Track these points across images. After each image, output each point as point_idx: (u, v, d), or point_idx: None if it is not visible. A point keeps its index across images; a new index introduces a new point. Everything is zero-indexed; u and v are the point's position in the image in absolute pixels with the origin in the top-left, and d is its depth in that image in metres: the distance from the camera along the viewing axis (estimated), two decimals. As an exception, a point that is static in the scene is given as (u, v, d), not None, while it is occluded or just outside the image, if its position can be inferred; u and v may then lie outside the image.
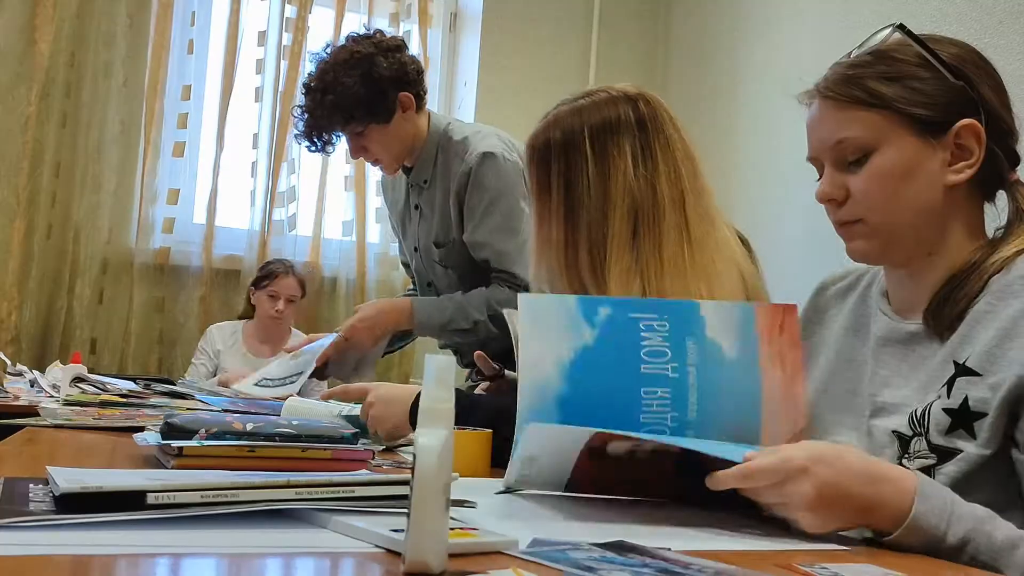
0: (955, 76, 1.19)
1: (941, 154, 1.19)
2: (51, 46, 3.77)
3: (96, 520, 0.82)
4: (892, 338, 1.25)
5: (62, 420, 1.72)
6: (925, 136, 1.18)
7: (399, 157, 2.57)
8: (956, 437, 1.12)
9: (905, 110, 1.18)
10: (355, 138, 2.52)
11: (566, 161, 1.55)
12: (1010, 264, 1.16)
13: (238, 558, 0.78)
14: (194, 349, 3.90)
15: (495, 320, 2.40)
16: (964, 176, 1.19)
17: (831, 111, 1.22)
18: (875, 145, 1.19)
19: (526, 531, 0.93)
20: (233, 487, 0.91)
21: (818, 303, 1.42)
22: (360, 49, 2.44)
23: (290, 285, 3.86)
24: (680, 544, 0.92)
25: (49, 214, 3.81)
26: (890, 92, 1.18)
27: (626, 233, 1.51)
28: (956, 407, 1.13)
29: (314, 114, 2.46)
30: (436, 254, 2.60)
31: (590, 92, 1.60)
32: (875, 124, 1.19)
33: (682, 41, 4.41)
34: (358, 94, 2.42)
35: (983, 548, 0.97)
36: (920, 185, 1.19)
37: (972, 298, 1.16)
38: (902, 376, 1.22)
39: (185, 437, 1.23)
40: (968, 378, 1.13)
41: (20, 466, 1.21)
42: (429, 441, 0.75)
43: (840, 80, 1.22)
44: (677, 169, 1.54)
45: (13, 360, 3.11)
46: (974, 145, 1.18)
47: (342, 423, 1.52)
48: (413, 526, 0.74)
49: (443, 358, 0.78)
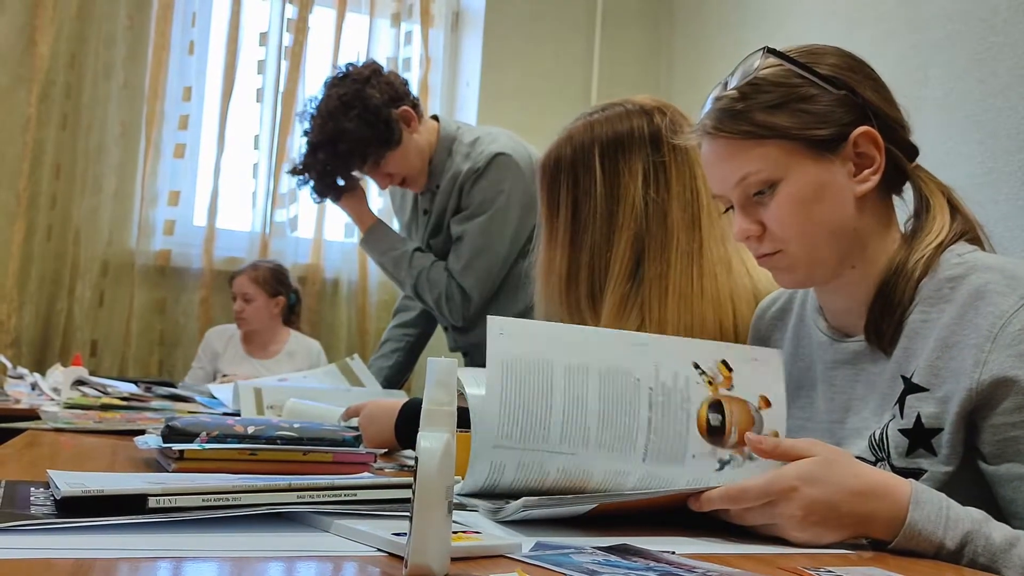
0: (836, 87, 1.18)
1: (844, 167, 1.18)
2: (51, 47, 3.77)
3: (97, 524, 0.82)
4: (839, 360, 1.25)
5: (63, 423, 1.72)
6: (824, 154, 1.18)
7: (422, 171, 2.59)
8: (917, 457, 1.13)
9: (800, 135, 1.17)
10: (376, 171, 2.54)
11: (575, 180, 1.52)
12: (934, 265, 1.17)
13: (240, 561, 0.77)
14: (194, 351, 3.90)
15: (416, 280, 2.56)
16: (871, 184, 1.19)
17: (725, 149, 1.21)
18: (779, 176, 1.18)
19: (529, 534, 0.93)
20: (234, 490, 0.90)
21: (759, 330, 1.41)
22: (345, 91, 2.45)
23: (241, 283, 3.80)
24: (684, 548, 0.91)
25: (49, 216, 3.81)
26: (781, 121, 1.17)
27: (629, 260, 1.47)
28: (911, 426, 1.13)
29: (333, 166, 2.48)
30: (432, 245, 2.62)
31: (607, 105, 1.56)
32: (773, 156, 1.18)
33: (685, 40, 4.41)
34: (364, 133, 2.44)
35: (981, 550, 0.97)
36: (832, 204, 1.18)
37: (906, 307, 1.17)
38: (858, 398, 1.22)
39: (186, 440, 1.22)
40: (917, 395, 1.13)
41: (21, 469, 1.20)
42: (431, 444, 0.74)
43: (726, 116, 1.20)
44: (695, 189, 1.49)
45: (14, 363, 3.11)
46: (873, 151, 1.18)
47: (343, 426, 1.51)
48: (415, 529, 0.73)
49: (445, 361, 0.77)
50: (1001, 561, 0.97)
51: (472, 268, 2.52)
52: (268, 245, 4.14)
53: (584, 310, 1.51)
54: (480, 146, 2.53)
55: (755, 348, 1.30)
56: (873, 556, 0.97)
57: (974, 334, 1.10)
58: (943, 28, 2.92)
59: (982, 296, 1.11)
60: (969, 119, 2.77)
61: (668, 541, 0.96)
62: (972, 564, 0.97)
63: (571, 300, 1.53)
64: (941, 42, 2.92)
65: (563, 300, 1.53)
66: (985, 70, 2.77)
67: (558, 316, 1.54)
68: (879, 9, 3.22)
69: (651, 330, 1.42)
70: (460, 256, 2.53)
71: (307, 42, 4.20)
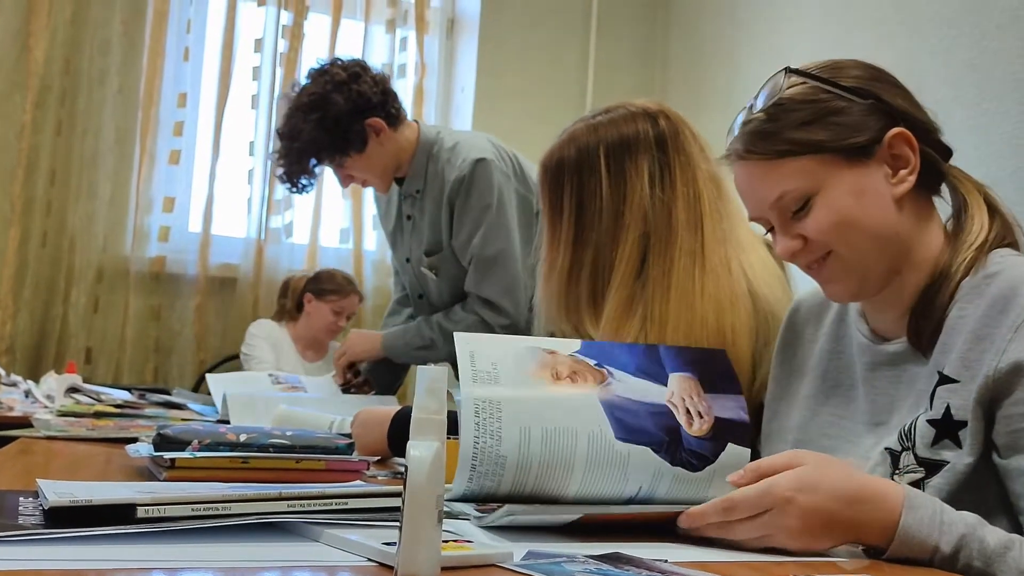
0: (863, 97, 1.19)
1: (880, 171, 1.18)
2: (46, 53, 3.77)
3: (85, 534, 0.81)
4: (879, 361, 1.24)
5: (56, 431, 1.72)
6: (860, 160, 1.17)
7: (385, 176, 2.59)
8: (942, 448, 1.12)
9: (836, 146, 1.17)
10: (337, 170, 2.57)
11: (579, 181, 1.51)
12: (976, 266, 1.16)
13: (230, 572, 0.77)
14: (189, 358, 3.89)
15: (445, 335, 2.52)
16: (908, 184, 1.18)
17: (759, 169, 1.21)
18: (815, 188, 1.17)
19: (521, 543, 0.92)
20: (224, 500, 0.90)
21: (795, 323, 1.41)
22: (315, 90, 2.45)
23: (354, 304, 3.90)
24: (676, 556, 0.91)
25: (44, 222, 3.80)
26: (815, 136, 1.17)
27: (634, 259, 1.47)
28: (939, 417, 1.12)
29: (287, 160, 2.50)
30: (427, 262, 2.61)
31: (609, 108, 1.56)
32: (809, 169, 1.17)
33: (680, 46, 4.41)
34: (318, 138, 2.44)
35: (976, 554, 0.97)
36: (871, 207, 1.18)
37: (945, 307, 1.16)
38: (900, 399, 1.21)
39: (178, 448, 1.22)
40: (949, 386, 1.13)
41: (13, 478, 1.20)
42: (420, 453, 0.74)
43: (757, 138, 1.20)
44: (697, 191, 1.49)
45: (7, 370, 3.09)
46: (907, 151, 1.18)
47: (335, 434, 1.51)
48: (405, 539, 0.73)
49: (435, 369, 0.77)
50: (996, 565, 0.96)
51: (489, 279, 2.50)
52: (263, 251, 4.13)
53: (583, 309, 1.51)
54: (461, 152, 2.52)
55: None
56: (869, 564, 0.96)
57: (1002, 326, 1.09)
58: (938, 33, 2.93)
59: (1015, 290, 1.10)
60: (964, 124, 2.77)
61: (660, 549, 0.96)
62: (967, 569, 0.96)
63: (570, 299, 1.52)
64: (936, 47, 2.92)
65: (562, 300, 1.53)
66: (980, 75, 2.77)
67: (556, 316, 1.54)
68: (874, 14, 3.22)
69: (652, 329, 1.42)
70: (477, 273, 2.52)
71: (302, 48, 4.20)
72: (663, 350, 1.23)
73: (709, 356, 1.26)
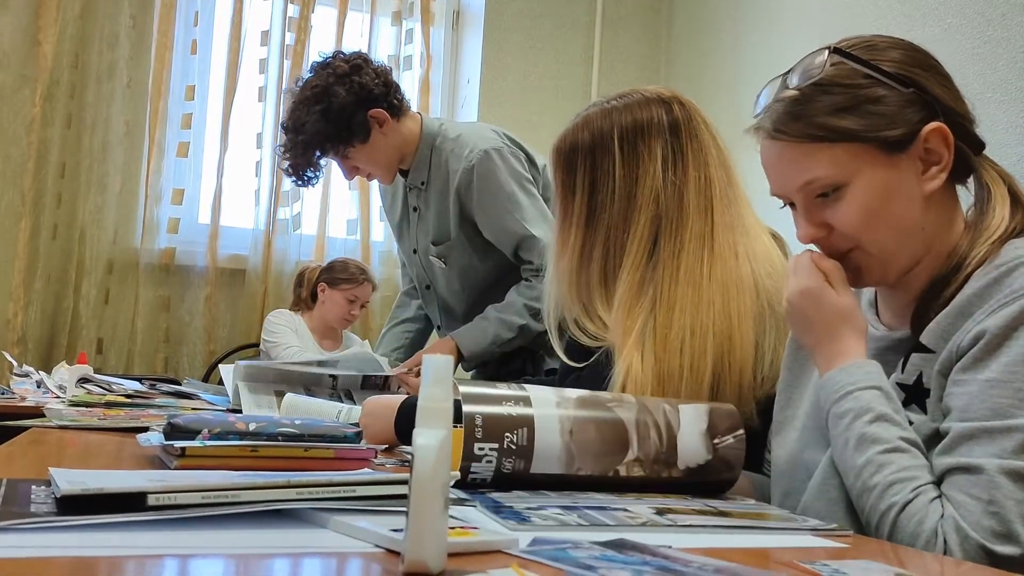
0: (905, 85, 1.15)
1: (912, 166, 1.16)
2: (55, 47, 3.79)
3: (97, 522, 0.82)
4: (885, 347, 1.24)
5: (67, 421, 1.73)
6: (894, 154, 1.15)
7: (390, 168, 2.60)
8: (910, 412, 1.13)
9: (871, 137, 1.14)
10: (342, 162, 2.57)
11: (593, 163, 1.52)
12: (991, 257, 1.14)
13: (242, 558, 0.78)
14: (199, 348, 3.91)
15: (537, 318, 2.43)
16: (939, 182, 1.16)
17: (788, 151, 1.18)
18: (847, 179, 1.15)
19: (526, 531, 0.93)
20: (234, 487, 0.91)
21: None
22: (318, 83, 2.47)
23: (368, 292, 3.91)
24: (681, 542, 0.91)
25: (55, 215, 3.83)
26: (849, 124, 1.14)
27: (646, 241, 1.47)
28: (910, 383, 1.14)
29: (292, 153, 2.50)
30: (435, 251, 2.61)
31: (622, 94, 1.56)
32: (841, 159, 1.15)
33: (685, 38, 4.41)
34: (322, 130, 2.45)
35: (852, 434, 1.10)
36: (900, 205, 1.16)
37: (951, 298, 1.15)
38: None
39: (188, 437, 1.23)
40: (924, 355, 1.13)
41: (26, 467, 1.21)
42: (427, 441, 0.75)
43: (789, 118, 1.17)
44: (708, 176, 1.50)
45: (20, 361, 3.12)
46: (942, 148, 1.16)
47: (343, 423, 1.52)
48: (412, 526, 0.74)
49: (441, 358, 0.78)
50: (847, 459, 1.11)
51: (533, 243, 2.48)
52: (272, 242, 4.15)
53: (594, 290, 1.52)
54: (467, 143, 2.52)
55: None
56: (870, 549, 0.97)
57: (984, 304, 1.09)
58: (941, 22, 2.92)
59: (1009, 273, 1.09)
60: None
61: (665, 536, 0.96)
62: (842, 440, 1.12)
63: (581, 280, 1.53)
64: (939, 36, 2.91)
65: (573, 280, 1.54)
66: (983, 64, 2.77)
67: (566, 297, 1.55)
68: (877, 4, 3.22)
69: (661, 311, 1.43)
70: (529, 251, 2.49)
71: (309, 40, 4.21)
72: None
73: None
